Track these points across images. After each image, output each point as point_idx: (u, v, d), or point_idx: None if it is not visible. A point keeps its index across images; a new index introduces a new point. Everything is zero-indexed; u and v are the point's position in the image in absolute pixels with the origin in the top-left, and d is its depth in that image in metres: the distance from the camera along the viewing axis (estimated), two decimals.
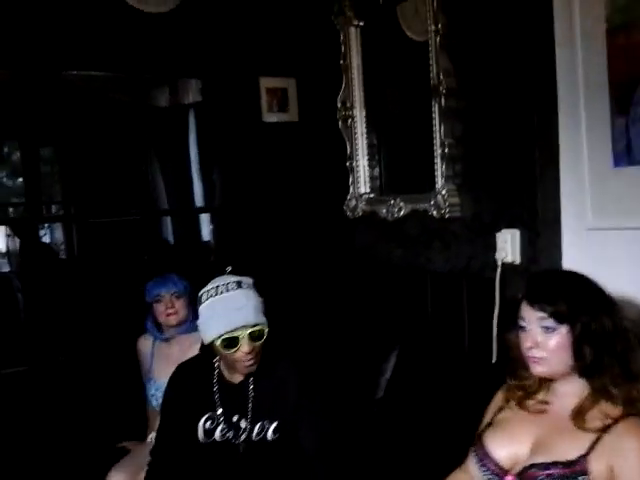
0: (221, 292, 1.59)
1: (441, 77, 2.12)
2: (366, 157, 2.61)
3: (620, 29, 1.59)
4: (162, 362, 2.26)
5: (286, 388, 1.65)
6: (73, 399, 2.44)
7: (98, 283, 3.62)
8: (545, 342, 1.28)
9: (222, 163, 2.90)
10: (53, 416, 2.37)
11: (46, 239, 5.03)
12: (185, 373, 1.75)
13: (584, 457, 1.20)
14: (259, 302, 1.62)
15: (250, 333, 1.56)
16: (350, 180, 2.63)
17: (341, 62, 2.60)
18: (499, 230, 2.00)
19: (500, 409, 1.41)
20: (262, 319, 1.59)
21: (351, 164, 2.62)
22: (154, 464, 1.73)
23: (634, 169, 1.60)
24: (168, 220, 4.30)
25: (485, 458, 1.34)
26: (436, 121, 2.17)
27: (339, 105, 2.63)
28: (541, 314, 1.28)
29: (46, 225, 4.87)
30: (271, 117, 2.81)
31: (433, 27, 2.12)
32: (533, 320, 1.29)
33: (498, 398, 1.45)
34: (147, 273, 2.70)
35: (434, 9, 2.11)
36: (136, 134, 4.23)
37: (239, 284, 1.61)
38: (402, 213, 2.37)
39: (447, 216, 2.16)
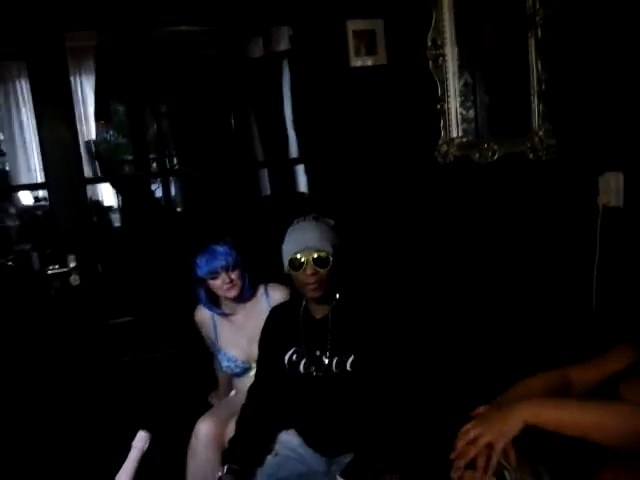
0: (298, 222, 1.80)
1: (537, 5, 1.94)
2: (458, 98, 2.46)
3: None
4: (228, 332, 2.22)
5: (363, 325, 1.75)
6: (170, 347, 2.58)
7: (200, 237, 3.77)
8: None
9: (312, 112, 2.85)
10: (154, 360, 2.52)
11: (156, 194, 5.29)
12: (277, 313, 1.95)
13: None
14: (331, 234, 1.76)
15: (314, 257, 1.70)
16: (441, 124, 2.50)
17: None
18: (601, 173, 1.83)
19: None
20: (328, 247, 1.73)
21: (442, 106, 2.49)
22: (250, 401, 1.88)
23: None
24: (265, 171, 4.37)
25: None
26: (532, 55, 2.01)
27: (429, 44, 2.48)
28: None
29: (152, 181, 5.11)
30: (359, 61, 2.72)
31: None
32: None
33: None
34: (247, 226, 2.76)
35: None
36: (231, 87, 4.28)
37: (316, 218, 1.79)
38: (496, 157, 2.24)
39: (544, 158, 2.01)
